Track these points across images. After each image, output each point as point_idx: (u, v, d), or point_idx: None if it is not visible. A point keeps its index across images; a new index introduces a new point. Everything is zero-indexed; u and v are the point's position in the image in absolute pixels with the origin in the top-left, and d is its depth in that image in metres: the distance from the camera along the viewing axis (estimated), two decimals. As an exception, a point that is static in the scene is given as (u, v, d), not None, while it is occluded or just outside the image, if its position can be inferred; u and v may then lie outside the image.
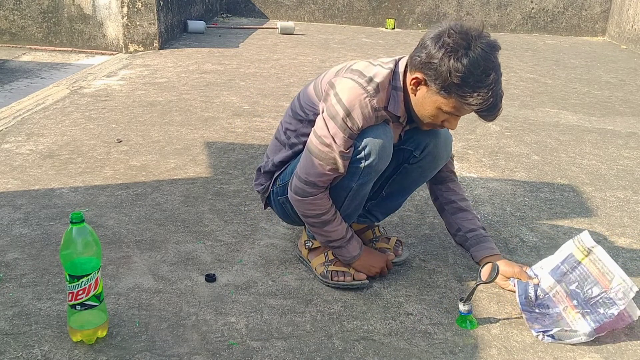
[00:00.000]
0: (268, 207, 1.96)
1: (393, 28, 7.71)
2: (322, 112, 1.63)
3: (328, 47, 6.07)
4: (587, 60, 6.20)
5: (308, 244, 1.86)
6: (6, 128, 3.09)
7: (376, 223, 2.02)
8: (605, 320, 1.55)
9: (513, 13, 7.89)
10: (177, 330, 1.54)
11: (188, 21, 6.29)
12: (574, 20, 7.90)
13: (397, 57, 1.67)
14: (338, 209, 1.73)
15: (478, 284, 1.66)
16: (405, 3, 7.86)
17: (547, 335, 1.58)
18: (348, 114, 1.56)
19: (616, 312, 1.55)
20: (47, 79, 4.60)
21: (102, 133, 3.07)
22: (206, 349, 1.48)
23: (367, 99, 1.57)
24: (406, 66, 1.63)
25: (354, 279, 1.77)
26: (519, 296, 1.68)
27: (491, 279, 1.67)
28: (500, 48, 1.53)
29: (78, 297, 1.42)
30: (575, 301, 1.63)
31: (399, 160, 1.79)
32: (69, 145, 2.87)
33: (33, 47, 5.62)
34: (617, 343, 1.59)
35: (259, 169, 1.92)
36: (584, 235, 1.74)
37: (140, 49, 5.35)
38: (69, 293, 1.42)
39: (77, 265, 1.39)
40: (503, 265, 1.77)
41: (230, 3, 8.02)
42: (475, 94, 1.49)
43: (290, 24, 6.76)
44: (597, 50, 6.91)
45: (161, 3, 5.43)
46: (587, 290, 1.64)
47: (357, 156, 1.61)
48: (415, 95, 1.60)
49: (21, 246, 1.92)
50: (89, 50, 5.57)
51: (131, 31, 5.32)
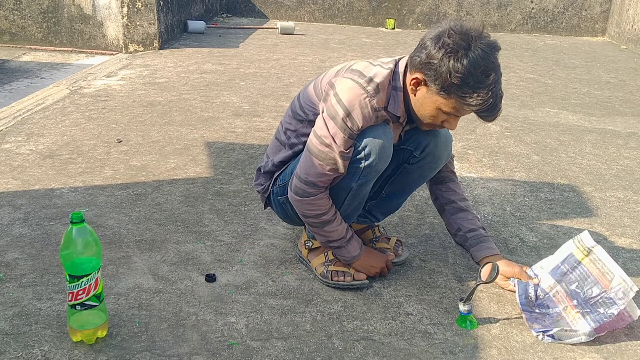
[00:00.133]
0: (268, 207, 1.96)
1: (393, 28, 7.71)
2: (322, 112, 1.63)
3: (328, 47, 6.07)
4: (587, 60, 6.20)
5: (308, 244, 1.86)
6: (6, 128, 3.09)
7: (376, 223, 2.02)
8: (605, 320, 1.55)
9: (513, 13, 7.89)
10: (177, 330, 1.54)
11: (188, 21, 6.29)
12: (574, 20, 7.90)
13: (397, 57, 1.67)
14: (338, 209, 1.73)
15: (478, 284, 1.66)
16: (405, 3, 7.86)
17: (547, 335, 1.58)
18: (348, 114, 1.57)
19: (616, 312, 1.55)
20: (47, 79, 4.60)
21: (102, 133, 3.07)
22: (206, 349, 1.48)
23: (367, 99, 1.57)
24: (406, 66, 1.63)
25: (354, 279, 1.77)
26: (519, 296, 1.68)
27: (491, 279, 1.67)
28: (500, 49, 1.53)
29: (78, 297, 1.42)
30: (575, 301, 1.63)
31: (399, 160, 1.80)
32: (69, 145, 2.88)
33: (33, 47, 5.62)
34: (617, 343, 1.59)
35: (259, 169, 1.92)
36: (584, 235, 1.74)
37: (140, 49, 5.36)
38: (69, 293, 1.42)
39: (77, 265, 1.40)
40: (503, 265, 1.77)
41: (230, 3, 8.02)
42: (475, 95, 1.50)
43: (290, 24, 6.76)
44: (597, 50, 6.91)
45: (161, 3, 5.43)
46: (587, 290, 1.64)
47: (357, 156, 1.61)
48: (415, 95, 1.61)
49: (21, 246, 1.92)
50: (89, 50, 5.57)
51: (131, 31, 5.32)
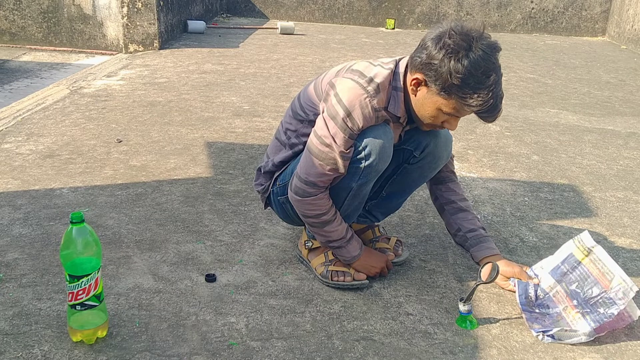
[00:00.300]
0: (268, 207, 1.96)
1: (393, 28, 7.71)
2: (323, 112, 1.63)
3: (328, 47, 6.07)
4: (587, 60, 6.20)
5: (308, 244, 1.86)
6: (6, 128, 3.09)
7: (376, 223, 2.02)
8: (605, 320, 1.55)
9: (513, 13, 7.89)
10: (177, 330, 1.54)
11: (188, 21, 6.29)
12: (574, 20, 7.90)
13: (398, 58, 1.67)
14: (338, 209, 1.73)
15: (478, 284, 1.66)
16: (405, 3, 7.86)
17: (547, 335, 1.58)
18: (348, 114, 1.57)
19: (616, 312, 1.55)
20: (47, 79, 4.60)
21: (102, 133, 3.07)
22: (206, 349, 1.48)
23: (368, 99, 1.57)
24: (406, 67, 1.63)
25: (354, 279, 1.77)
26: (519, 296, 1.68)
27: (491, 279, 1.67)
28: (500, 49, 1.53)
29: (78, 297, 1.42)
30: (575, 301, 1.63)
31: (399, 160, 1.80)
32: (69, 145, 2.88)
33: (33, 47, 5.62)
34: (617, 343, 1.59)
35: (259, 169, 1.92)
36: (584, 235, 1.74)
37: (140, 49, 5.35)
38: (69, 293, 1.42)
39: (77, 265, 1.40)
40: (503, 265, 1.77)
41: (230, 3, 8.02)
42: (475, 95, 1.50)
43: (290, 24, 6.76)
44: (597, 50, 6.91)
45: (161, 3, 5.42)
46: (587, 290, 1.64)
47: (358, 156, 1.61)
48: (415, 95, 1.61)
49: (21, 246, 1.92)
50: (89, 50, 5.57)
51: (131, 31, 5.32)
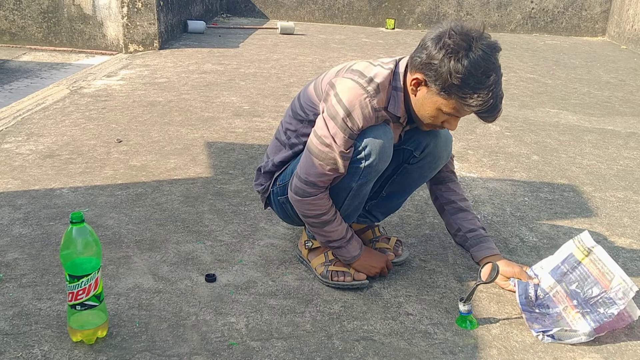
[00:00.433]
0: (268, 207, 1.96)
1: (393, 28, 7.71)
2: (323, 112, 1.63)
3: (328, 47, 6.07)
4: (587, 60, 6.20)
5: (308, 244, 1.86)
6: (6, 128, 3.09)
7: (376, 223, 2.02)
8: (605, 320, 1.55)
9: (513, 13, 7.89)
10: (177, 330, 1.54)
11: (188, 21, 6.29)
12: (574, 20, 7.90)
13: (398, 58, 1.67)
14: (338, 209, 1.73)
15: (478, 284, 1.66)
16: (405, 3, 7.86)
17: (547, 335, 1.58)
18: (348, 114, 1.57)
19: (616, 312, 1.55)
20: (47, 79, 4.60)
21: (102, 133, 3.07)
22: (206, 349, 1.48)
23: (368, 99, 1.57)
24: (406, 67, 1.63)
25: (354, 279, 1.77)
26: (519, 296, 1.68)
27: (491, 279, 1.67)
28: (500, 49, 1.53)
29: (78, 297, 1.42)
30: (575, 301, 1.63)
31: (399, 160, 1.80)
32: (69, 145, 2.88)
33: (33, 47, 5.62)
34: (617, 343, 1.59)
35: (259, 169, 1.92)
36: (584, 235, 1.74)
37: (140, 49, 5.35)
38: (69, 293, 1.42)
39: (77, 265, 1.40)
40: (503, 265, 1.77)
41: (230, 3, 8.02)
42: (475, 95, 1.50)
43: (290, 24, 6.76)
44: (597, 50, 6.91)
45: (161, 3, 5.42)
46: (587, 290, 1.64)
47: (358, 156, 1.61)
48: (415, 95, 1.61)
49: (21, 246, 1.92)
50: (89, 50, 5.57)
51: (131, 31, 5.32)
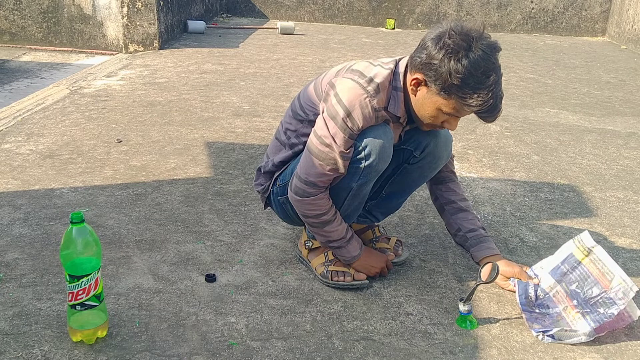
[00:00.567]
0: (268, 207, 1.96)
1: (393, 28, 7.71)
2: (323, 112, 1.63)
3: (328, 47, 6.07)
4: (587, 60, 6.20)
5: (308, 244, 1.86)
6: (6, 128, 3.09)
7: (376, 223, 2.02)
8: (605, 320, 1.55)
9: (513, 13, 7.89)
10: (177, 330, 1.54)
11: (188, 21, 6.29)
12: (574, 20, 7.90)
13: (398, 58, 1.67)
14: (338, 209, 1.73)
15: (478, 284, 1.66)
16: (405, 3, 7.86)
17: (547, 335, 1.58)
18: (348, 114, 1.57)
19: (616, 312, 1.55)
20: (47, 79, 4.60)
21: (102, 133, 3.07)
22: (206, 349, 1.48)
23: (368, 99, 1.57)
24: (406, 67, 1.63)
25: (354, 279, 1.77)
26: (519, 296, 1.68)
27: (491, 279, 1.67)
28: (500, 49, 1.53)
29: (78, 297, 1.42)
30: (575, 301, 1.63)
31: (399, 160, 1.80)
32: (69, 145, 2.88)
33: (33, 47, 5.62)
34: (617, 343, 1.59)
35: (259, 169, 1.92)
36: (584, 235, 1.74)
37: (140, 49, 5.35)
38: (69, 293, 1.42)
39: (77, 265, 1.40)
40: (503, 265, 1.77)
41: (230, 3, 8.02)
42: (475, 95, 1.50)
43: (290, 24, 6.76)
44: (597, 50, 6.91)
45: (161, 3, 5.42)
46: (587, 290, 1.64)
47: (358, 156, 1.61)
48: (415, 95, 1.61)
49: (21, 246, 1.92)
50: (89, 50, 5.57)
51: (131, 31, 5.32)
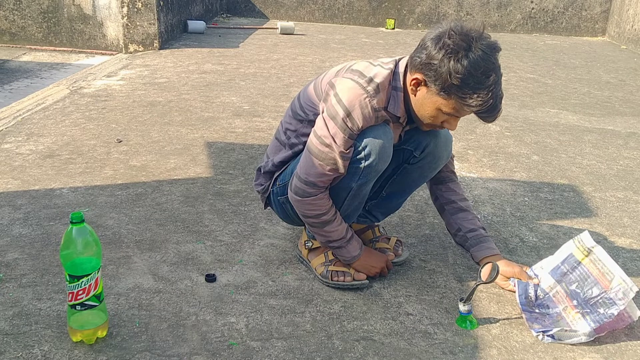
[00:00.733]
0: (268, 207, 1.96)
1: (393, 28, 7.71)
2: (322, 112, 1.63)
3: (328, 47, 6.07)
4: (587, 60, 6.20)
5: (308, 244, 1.86)
6: (6, 128, 3.09)
7: (376, 223, 2.02)
8: (605, 320, 1.55)
9: (513, 13, 7.89)
10: (177, 330, 1.54)
11: (188, 21, 6.29)
12: (574, 20, 7.90)
13: (397, 58, 1.67)
14: (338, 209, 1.73)
15: (478, 284, 1.66)
16: (405, 3, 7.86)
17: (547, 335, 1.58)
18: (348, 114, 1.57)
19: (616, 312, 1.55)
20: (47, 79, 4.60)
21: (102, 133, 3.07)
22: (206, 349, 1.48)
23: (367, 99, 1.57)
24: (406, 67, 1.63)
25: (354, 279, 1.77)
26: (519, 296, 1.68)
27: (491, 279, 1.67)
28: (500, 49, 1.53)
29: (78, 297, 1.42)
30: (575, 301, 1.63)
31: (399, 160, 1.80)
32: (69, 145, 2.88)
33: (33, 47, 5.62)
34: (617, 343, 1.59)
35: (259, 169, 1.92)
36: (584, 235, 1.74)
37: (140, 49, 5.35)
38: (69, 293, 1.42)
39: (77, 265, 1.40)
40: (503, 265, 1.77)
41: (230, 3, 8.02)
42: (475, 96, 1.50)
43: (290, 24, 6.76)
44: (597, 50, 6.91)
45: (161, 3, 5.42)
46: (587, 290, 1.64)
47: (357, 156, 1.61)
48: (415, 95, 1.61)
49: (21, 246, 1.92)
50: (89, 50, 5.57)
51: (131, 31, 5.32)
